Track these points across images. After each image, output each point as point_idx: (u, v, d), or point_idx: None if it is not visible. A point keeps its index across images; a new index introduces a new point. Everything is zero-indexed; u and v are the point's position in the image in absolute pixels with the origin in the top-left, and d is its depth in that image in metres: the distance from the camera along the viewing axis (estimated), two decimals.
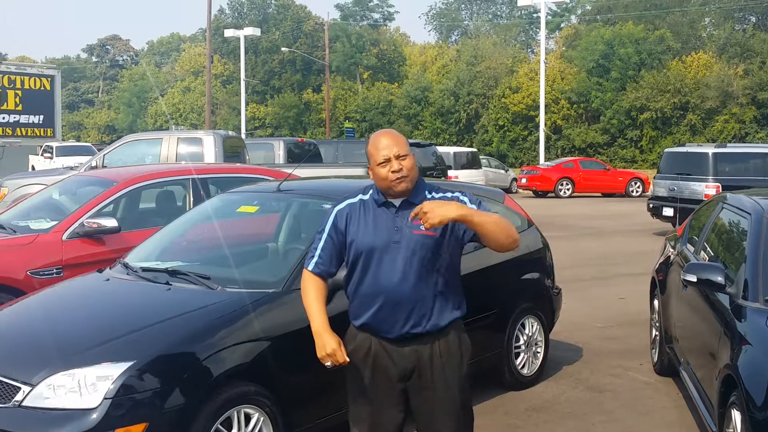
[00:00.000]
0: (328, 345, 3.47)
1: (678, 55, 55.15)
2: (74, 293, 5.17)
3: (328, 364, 3.51)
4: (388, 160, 3.43)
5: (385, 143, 3.47)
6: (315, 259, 3.60)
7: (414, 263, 3.43)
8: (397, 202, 3.51)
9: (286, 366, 4.46)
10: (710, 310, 4.99)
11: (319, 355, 3.50)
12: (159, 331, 4.24)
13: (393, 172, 3.42)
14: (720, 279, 4.78)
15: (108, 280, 5.14)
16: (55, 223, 7.10)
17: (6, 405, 3.93)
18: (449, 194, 3.56)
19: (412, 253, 3.43)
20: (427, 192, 3.55)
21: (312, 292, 3.59)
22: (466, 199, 3.51)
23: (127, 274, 5.15)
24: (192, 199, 7.63)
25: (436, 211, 3.23)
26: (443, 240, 3.48)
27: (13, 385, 3.97)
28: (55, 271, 6.70)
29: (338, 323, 3.66)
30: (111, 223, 6.91)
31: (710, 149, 16.69)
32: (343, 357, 3.49)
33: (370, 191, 3.59)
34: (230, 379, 4.19)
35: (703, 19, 63.47)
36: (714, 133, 49.66)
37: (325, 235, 3.59)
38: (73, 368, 3.93)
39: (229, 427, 4.18)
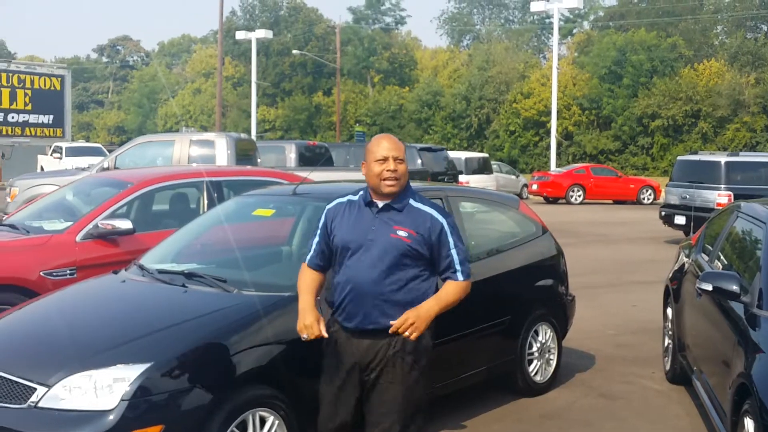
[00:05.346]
0: (306, 318, 3.86)
1: (690, 62, 55.01)
2: (90, 295, 5.17)
3: (305, 336, 3.87)
4: (386, 159, 3.76)
5: (387, 145, 3.81)
6: (310, 254, 4.04)
7: (384, 262, 3.75)
8: (380, 203, 3.85)
9: (301, 369, 4.46)
10: (724, 319, 4.98)
11: (297, 327, 3.89)
12: (176, 333, 4.25)
13: (388, 170, 3.75)
14: (735, 288, 4.77)
15: (124, 281, 5.16)
16: (69, 224, 7.09)
17: (21, 406, 3.93)
18: (430, 210, 3.88)
19: (383, 253, 3.75)
20: (411, 200, 3.88)
21: (305, 280, 4.03)
22: (447, 228, 3.86)
23: (143, 275, 5.16)
24: (206, 201, 7.63)
25: (419, 327, 3.71)
26: (417, 248, 3.79)
27: (29, 386, 3.98)
28: (68, 272, 6.69)
29: None
30: (125, 224, 6.90)
31: (723, 158, 16.66)
32: (318, 331, 3.82)
33: (360, 192, 3.94)
34: (246, 382, 4.20)
35: (715, 27, 63.26)
36: (725, 141, 49.51)
37: (318, 232, 4.00)
38: (90, 370, 3.94)
39: (244, 430, 4.18)
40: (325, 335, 3.84)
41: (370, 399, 3.89)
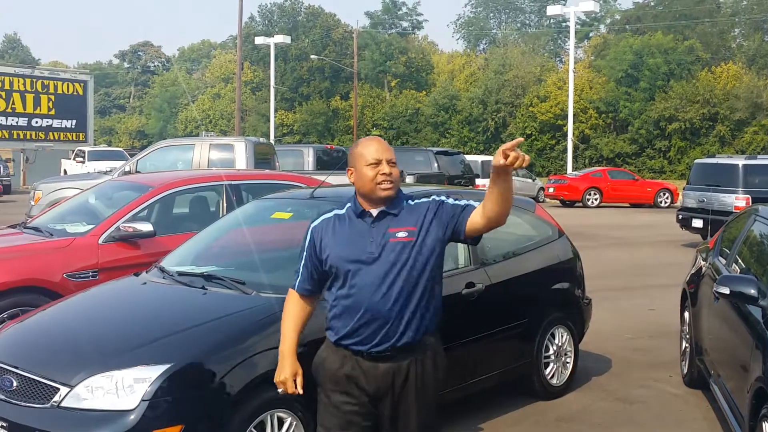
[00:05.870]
0: (283, 372, 3.55)
1: (707, 65, 54.83)
2: (112, 296, 5.25)
3: (280, 390, 3.60)
4: (379, 162, 3.41)
5: (378, 147, 3.45)
6: (298, 278, 3.61)
7: (393, 274, 3.36)
8: (374, 212, 3.45)
9: None
10: (742, 323, 4.98)
11: (274, 378, 3.60)
12: (196, 334, 4.30)
13: (383, 174, 3.39)
14: (753, 291, 4.77)
15: (145, 283, 5.22)
16: (91, 226, 7.18)
17: (45, 405, 4.01)
18: (424, 199, 3.53)
19: (389, 263, 3.36)
20: (404, 202, 3.51)
21: (290, 312, 3.65)
22: (438, 198, 3.51)
23: (164, 278, 5.22)
24: (225, 204, 7.71)
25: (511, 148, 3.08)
26: (422, 244, 3.40)
27: (52, 386, 4.04)
28: (91, 274, 6.79)
29: None
30: (147, 227, 6.99)
31: (740, 161, 16.59)
32: (292, 389, 3.54)
33: (347, 205, 3.54)
34: (264, 383, 4.20)
35: (732, 30, 63.02)
36: (743, 144, 49.30)
37: (305, 254, 3.57)
38: (112, 370, 3.99)
39: (263, 430, 4.23)
40: (300, 392, 3.55)
41: (393, 427, 3.51)
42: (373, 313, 3.36)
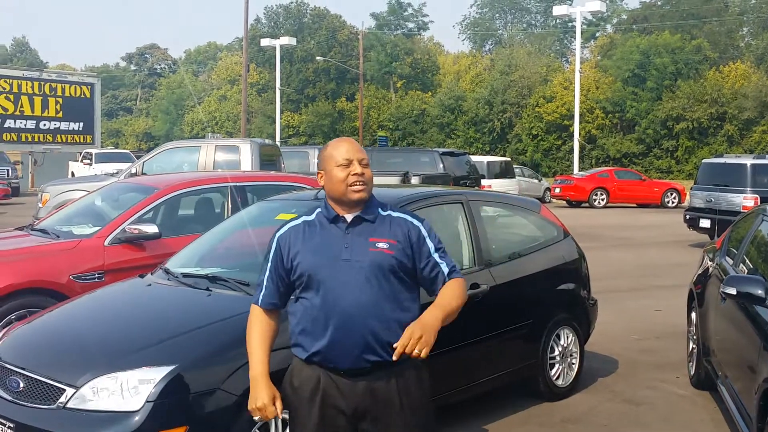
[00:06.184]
0: (259, 398, 3.23)
1: (715, 64, 54.67)
2: (117, 298, 5.26)
3: (257, 417, 3.30)
4: (350, 162, 3.23)
5: (349, 147, 3.28)
6: (261, 292, 3.37)
7: (369, 283, 3.15)
8: (348, 217, 3.26)
9: None
10: (750, 324, 4.96)
11: (249, 405, 3.29)
12: (200, 336, 4.31)
13: (354, 174, 3.21)
14: (760, 292, 4.75)
15: (150, 285, 5.22)
16: (97, 228, 7.21)
17: (50, 406, 4.02)
18: (407, 217, 3.34)
19: (366, 272, 3.15)
20: (380, 209, 3.32)
21: (257, 330, 3.36)
22: (424, 231, 3.31)
23: (168, 279, 5.23)
24: (230, 206, 7.73)
25: (428, 340, 3.02)
26: (401, 262, 3.21)
27: (58, 387, 4.06)
28: (97, 275, 6.81)
29: None
30: (152, 229, 7.01)
31: (749, 161, 16.55)
32: (273, 413, 3.24)
33: (317, 211, 3.35)
34: None
35: (740, 29, 62.85)
36: (752, 144, 49.13)
37: (269, 265, 3.35)
38: (116, 371, 4.00)
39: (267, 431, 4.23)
40: (280, 415, 3.28)
41: None
42: (349, 326, 3.13)
